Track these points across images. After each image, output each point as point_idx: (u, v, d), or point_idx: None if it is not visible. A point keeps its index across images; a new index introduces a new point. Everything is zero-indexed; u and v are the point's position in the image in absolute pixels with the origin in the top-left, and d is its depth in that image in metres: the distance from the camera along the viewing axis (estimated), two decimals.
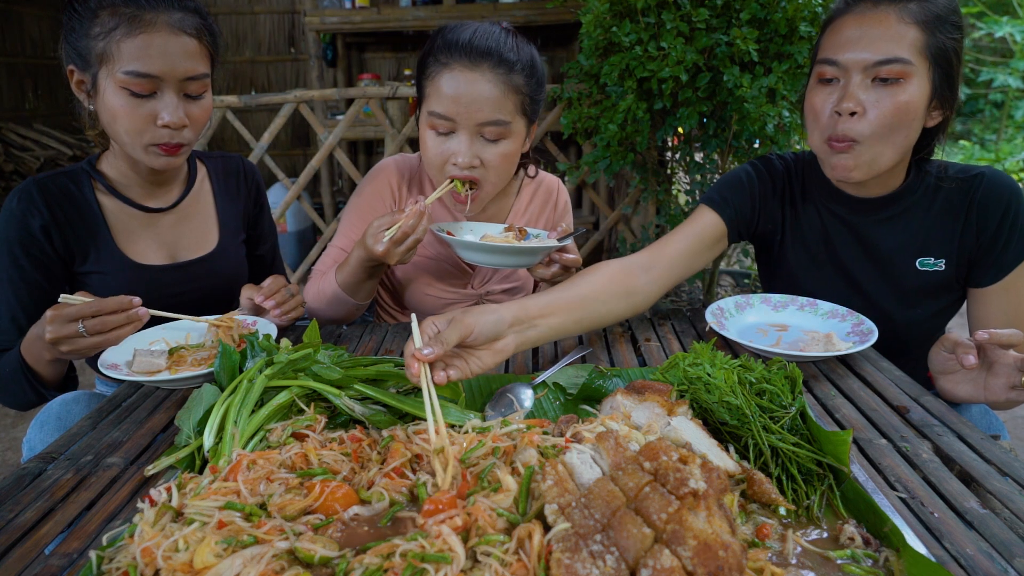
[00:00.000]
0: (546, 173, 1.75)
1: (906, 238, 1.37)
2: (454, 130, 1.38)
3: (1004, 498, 0.79)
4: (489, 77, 1.33)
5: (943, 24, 1.20)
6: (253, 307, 1.38)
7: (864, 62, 1.21)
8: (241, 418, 0.88)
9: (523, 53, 1.38)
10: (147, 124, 1.25)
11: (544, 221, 1.72)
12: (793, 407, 0.86)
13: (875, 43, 1.20)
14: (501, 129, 1.38)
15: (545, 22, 4.37)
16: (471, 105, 1.34)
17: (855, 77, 1.22)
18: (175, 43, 1.23)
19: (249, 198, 1.62)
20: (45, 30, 5.61)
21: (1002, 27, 5.58)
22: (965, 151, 6.69)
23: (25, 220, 1.31)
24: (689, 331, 1.37)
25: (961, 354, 1.05)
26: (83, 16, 1.22)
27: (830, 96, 1.26)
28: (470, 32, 1.36)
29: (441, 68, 1.35)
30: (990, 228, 1.30)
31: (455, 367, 0.95)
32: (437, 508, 0.67)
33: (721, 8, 2.56)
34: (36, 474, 0.90)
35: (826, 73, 1.26)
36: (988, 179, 1.31)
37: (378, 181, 1.60)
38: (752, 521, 0.73)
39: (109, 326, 1.09)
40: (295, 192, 3.58)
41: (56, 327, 1.08)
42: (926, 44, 1.20)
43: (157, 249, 1.44)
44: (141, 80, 1.21)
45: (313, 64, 4.97)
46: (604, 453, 0.74)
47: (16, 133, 4.69)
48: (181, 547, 0.63)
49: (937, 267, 1.35)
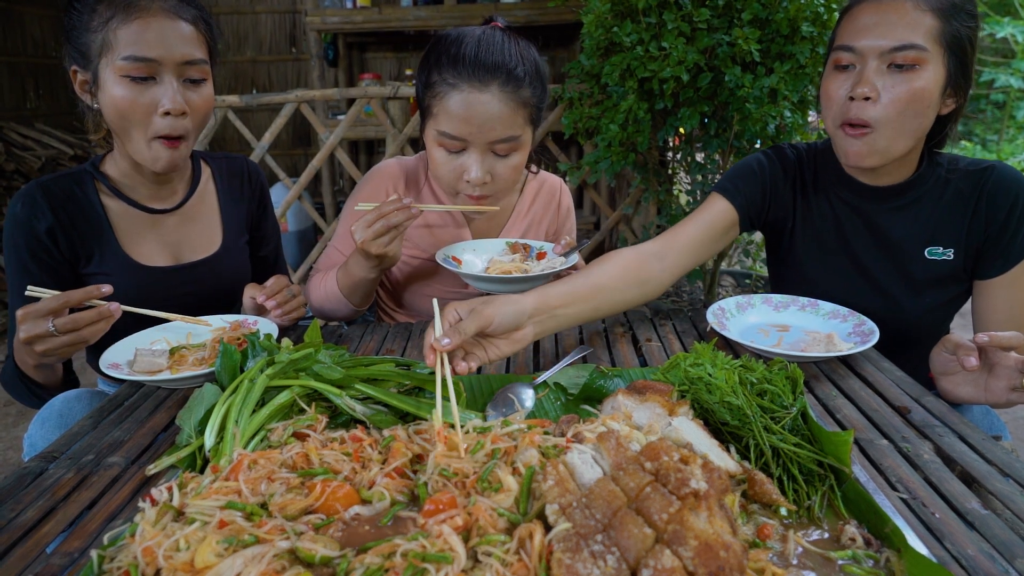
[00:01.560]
0: (548, 173, 1.75)
1: (916, 227, 1.37)
2: (465, 148, 1.38)
3: (1005, 499, 0.79)
4: (499, 96, 1.32)
5: (959, 12, 1.21)
6: (255, 306, 1.38)
7: (880, 48, 1.22)
8: (242, 418, 0.88)
9: (528, 62, 1.36)
10: (148, 115, 1.25)
11: (547, 223, 1.72)
12: (794, 407, 0.86)
13: (891, 29, 1.21)
14: (512, 144, 1.38)
15: (546, 22, 4.38)
16: (483, 125, 1.33)
17: (871, 63, 1.23)
18: (171, 27, 1.24)
19: (253, 199, 1.61)
20: (47, 30, 5.61)
21: (1004, 28, 5.57)
22: (967, 152, 6.68)
23: (30, 224, 1.30)
24: (690, 331, 1.37)
25: (962, 356, 1.05)
26: (82, 12, 1.23)
27: (845, 82, 1.27)
28: (474, 47, 1.33)
29: (449, 89, 1.32)
30: (998, 219, 1.31)
31: (474, 355, 0.99)
32: (438, 508, 0.68)
33: (723, 8, 2.56)
34: (37, 473, 0.90)
35: (842, 59, 1.27)
36: (998, 172, 1.33)
37: (376, 182, 1.61)
38: (753, 521, 0.73)
39: (81, 323, 1.07)
40: (296, 192, 3.58)
41: (28, 326, 1.06)
42: (942, 31, 1.20)
43: (161, 250, 1.44)
44: (139, 64, 1.21)
45: (314, 64, 4.97)
46: (605, 453, 0.74)
47: (17, 132, 4.69)
48: (182, 546, 0.63)
49: (946, 256, 1.36)
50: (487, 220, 1.64)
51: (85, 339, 1.09)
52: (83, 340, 1.09)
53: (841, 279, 1.43)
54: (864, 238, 1.42)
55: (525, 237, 1.68)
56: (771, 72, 2.56)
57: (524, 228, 1.68)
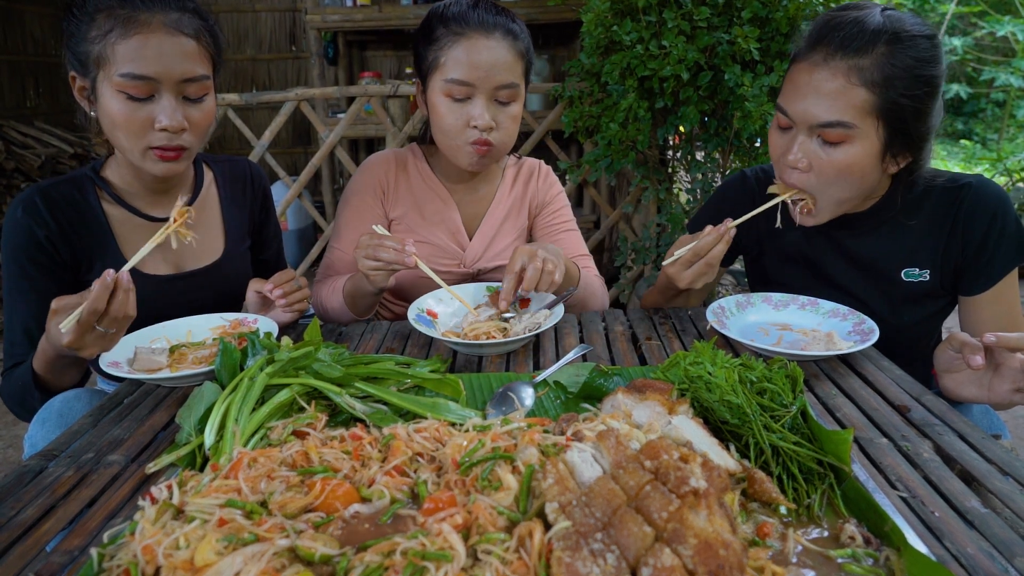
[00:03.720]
0: (528, 157, 1.81)
1: (890, 248, 1.36)
2: (470, 96, 1.45)
3: (1005, 497, 0.79)
4: (503, 43, 1.44)
5: (898, 81, 1.15)
6: (259, 300, 1.38)
7: (809, 120, 1.20)
8: (242, 416, 0.88)
9: (519, 23, 1.50)
10: (145, 129, 1.22)
11: (530, 197, 1.74)
12: (794, 406, 0.86)
13: (820, 102, 1.18)
14: (513, 91, 1.48)
15: (546, 20, 4.37)
16: (491, 70, 1.43)
17: (802, 132, 1.23)
18: (171, 44, 1.20)
19: (256, 203, 1.60)
20: (47, 28, 5.60)
21: (1004, 26, 5.57)
22: (966, 150, 6.68)
23: (31, 230, 1.29)
24: (690, 330, 1.37)
25: (968, 355, 1.05)
26: (80, 20, 1.20)
27: (782, 141, 1.28)
28: (474, 4, 1.45)
29: (457, 38, 1.43)
30: (975, 239, 1.29)
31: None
32: (438, 506, 0.68)
33: (722, 7, 2.56)
34: (37, 471, 0.90)
35: (780, 121, 1.28)
36: (975, 189, 1.30)
37: (368, 172, 1.65)
38: (753, 520, 0.73)
39: (99, 303, 1.03)
40: (296, 190, 3.58)
41: (78, 338, 1.03)
42: (875, 105, 1.16)
43: (162, 259, 1.42)
44: (137, 83, 1.18)
45: (314, 62, 4.96)
46: (605, 452, 0.74)
47: (17, 131, 4.68)
48: (182, 545, 0.63)
49: (922, 278, 1.35)
50: (474, 202, 1.69)
51: (117, 315, 1.04)
52: (116, 316, 1.04)
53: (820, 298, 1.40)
54: (837, 261, 1.42)
55: (509, 217, 1.70)
56: (771, 71, 2.55)
57: (508, 207, 1.71)
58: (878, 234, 1.37)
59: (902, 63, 1.15)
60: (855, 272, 1.40)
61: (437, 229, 1.64)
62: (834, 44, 1.17)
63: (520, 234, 1.73)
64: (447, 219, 1.65)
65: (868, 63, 1.15)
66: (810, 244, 1.44)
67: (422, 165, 1.67)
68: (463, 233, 1.67)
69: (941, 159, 7.18)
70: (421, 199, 1.65)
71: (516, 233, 1.71)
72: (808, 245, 1.44)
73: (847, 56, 1.16)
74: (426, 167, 1.66)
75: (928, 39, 1.17)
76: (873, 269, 1.38)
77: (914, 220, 1.34)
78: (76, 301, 1.04)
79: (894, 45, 1.15)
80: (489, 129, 1.46)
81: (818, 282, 1.44)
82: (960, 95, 6.88)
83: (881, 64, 1.15)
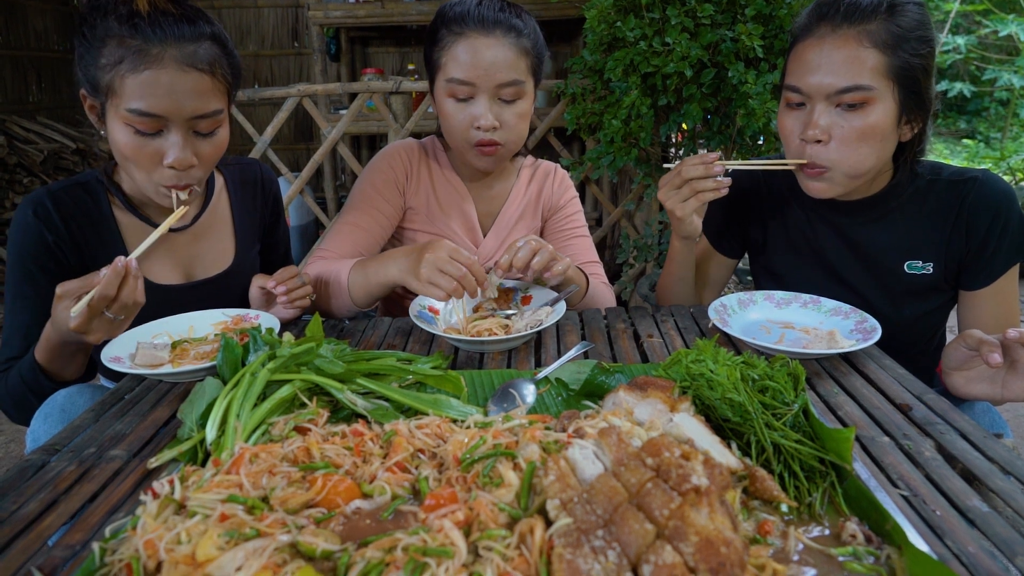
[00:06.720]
0: (544, 160, 1.80)
1: (894, 239, 1.36)
2: (473, 95, 1.45)
3: (1006, 496, 0.79)
4: (503, 42, 1.43)
5: (906, 43, 1.19)
6: (261, 296, 1.38)
7: (826, 89, 1.21)
8: (244, 412, 0.88)
9: (526, 20, 1.49)
10: (153, 164, 1.20)
11: (543, 200, 1.75)
12: (795, 404, 0.86)
13: (836, 69, 1.19)
14: (517, 89, 1.47)
15: (549, 17, 4.36)
16: (490, 68, 1.42)
17: (819, 104, 1.23)
18: (183, 80, 1.15)
19: (266, 207, 1.59)
20: (49, 23, 5.60)
21: (1007, 25, 5.55)
22: (969, 149, 6.66)
23: (41, 235, 1.27)
24: (692, 328, 1.37)
25: (987, 352, 1.05)
26: (91, 44, 1.16)
27: (797, 121, 1.28)
28: (477, 4, 1.45)
29: (456, 38, 1.44)
30: (979, 233, 1.29)
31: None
32: (439, 503, 0.68)
33: (726, 4, 2.55)
34: (39, 466, 0.90)
35: (792, 99, 1.28)
36: (981, 183, 1.30)
37: (391, 160, 1.64)
38: (754, 518, 0.73)
39: (131, 299, 1.06)
40: (298, 187, 3.58)
41: (85, 322, 1.05)
42: (889, 66, 1.18)
43: (172, 268, 1.41)
44: (145, 119, 1.15)
45: (316, 58, 4.95)
46: (606, 449, 0.74)
47: (20, 126, 4.68)
48: (183, 540, 0.63)
49: (925, 270, 1.35)
50: (488, 199, 1.69)
51: (127, 301, 1.06)
52: (125, 303, 1.06)
53: (820, 291, 1.40)
54: (841, 251, 1.42)
55: (523, 217, 1.71)
56: (774, 68, 2.55)
57: (522, 207, 1.71)
58: (882, 224, 1.37)
59: (906, 24, 1.19)
60: (858, 262, 1.40)
61: (453, 223, 1.65)
62: (839, 16, 1.21)
63: (533, 235, 1.72)
64: (464, 213, 1.66)
65: (875, 27, 1.19)
66: (814, 231, 1.44)
67: (442, 158, 1.68)
68: (478, 230, 1.68)
69: (944, 158, 7.16)
70: (440, 191, 1.66)
71: (528, 233, 1.71)
72: (812, 232, 1.44)
73: (853, 24, 1.20)
74: (446, 160, 1.67)
75: (919, 5, 1.23)
76: (876, 259, 1.38)
77: (918, 211, 1.34)
78: (80, 285, 1.05)
79: (893, 11, 1.20)
80: (493, 128, 1.46)
81: (821, 272, 1.44)
82: (964, 93, 6.86)
83: (888, 27, 1.19)
